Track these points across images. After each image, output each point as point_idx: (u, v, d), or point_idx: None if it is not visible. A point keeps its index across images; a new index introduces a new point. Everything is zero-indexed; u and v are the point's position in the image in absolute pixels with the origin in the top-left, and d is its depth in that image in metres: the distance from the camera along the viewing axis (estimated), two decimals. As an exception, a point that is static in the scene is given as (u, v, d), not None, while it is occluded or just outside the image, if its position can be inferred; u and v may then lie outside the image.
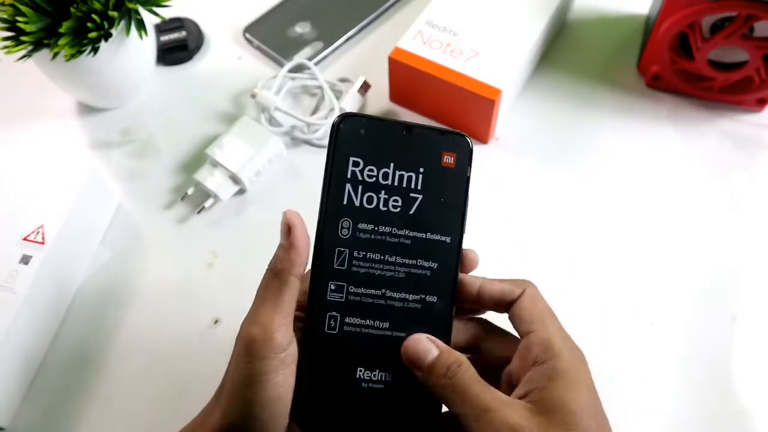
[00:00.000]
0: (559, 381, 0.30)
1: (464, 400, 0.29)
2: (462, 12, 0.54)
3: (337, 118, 0.31)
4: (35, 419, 0.42)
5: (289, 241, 0.31)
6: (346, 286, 0.31)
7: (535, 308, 0.32)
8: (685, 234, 0.49)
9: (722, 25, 0.49)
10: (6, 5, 0.46)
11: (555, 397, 0.29)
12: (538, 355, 0.30)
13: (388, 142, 0.31)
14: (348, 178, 0.31)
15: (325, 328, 0.31)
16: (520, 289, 0.33)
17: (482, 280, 0.33)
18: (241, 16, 0.61)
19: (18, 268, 0.42)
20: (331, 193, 0.31)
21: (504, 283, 0.33)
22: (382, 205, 0.31)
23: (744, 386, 0.43)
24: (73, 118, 0.56)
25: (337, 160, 0.31)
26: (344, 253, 0.31)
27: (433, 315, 0.32)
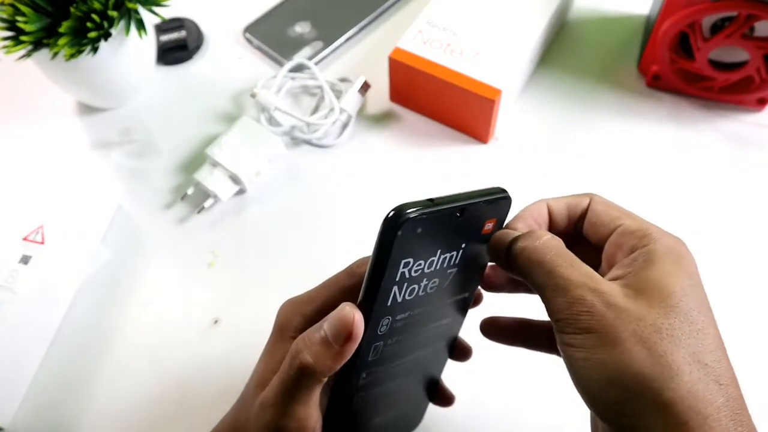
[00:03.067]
0: (657, 263, 0.27)
1: (551, 271, 0.26)
2: (462, 12, 0.54)
3: (394, 218, 0.25)
4: (35, 419, 0.42)
5: (341, 349, 0.27)
6: (376, 370, 0.31)
7: (612, 208, 0.30)
8: (685, 234, 0.48)
9: (722, 25, 0.49)
10: (6, 5, 0.46)
11: (653, 278, 0.26)
12: (635, 243, 0.28)
13: (440, 231, 0.27)
14: (397, 280, 0.27)
15: (352, 406, 0.31)
16: (586, 199, 0.30)
17: (548, 201, 0.31)
18: (241, 16, 0.61)
19: (18, 268, 0.42)
20: (378, 298, 0.27)
21: (567, 198, 0.31)
22: (421, 291, 0.29)
23: (744, 386, 0.42)
24: (73, 118, 0.56)
25: (390, 266, 0.26)
26: (379, 346, 0.29)
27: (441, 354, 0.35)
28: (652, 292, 0.26)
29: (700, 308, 0.26)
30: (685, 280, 0.26)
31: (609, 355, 0.25)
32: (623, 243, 0.28)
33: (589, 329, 0.25)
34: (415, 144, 0.54)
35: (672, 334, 0.25)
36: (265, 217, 0.50)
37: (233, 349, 0.44)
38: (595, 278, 0.26)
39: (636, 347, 0.25)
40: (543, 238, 0.28)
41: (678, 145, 0.53)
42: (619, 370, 0.25)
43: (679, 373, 0.24)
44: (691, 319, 0.26)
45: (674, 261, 0.27)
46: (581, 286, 0.26)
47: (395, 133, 0.55)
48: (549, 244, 0.27)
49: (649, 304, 0.25)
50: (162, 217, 0.50)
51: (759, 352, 0.44)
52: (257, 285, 0.47)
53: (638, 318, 0.25)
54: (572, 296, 0.26)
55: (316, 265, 0.48)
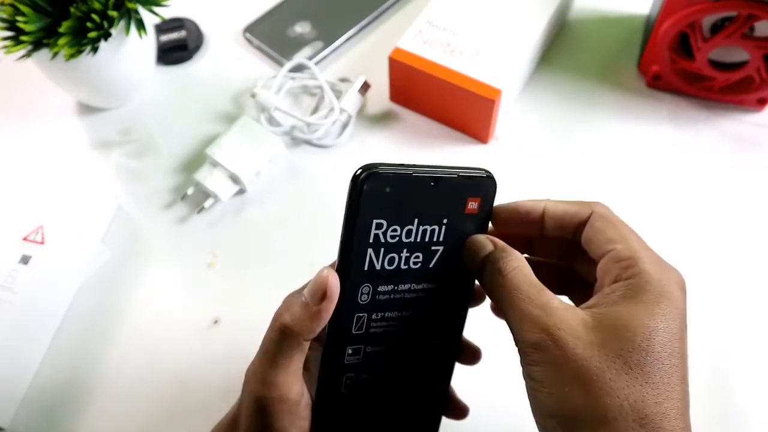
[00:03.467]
0: (631, 300, 0.25)
1: (510, 302, 0.27)
2: (462, 12, 0.54)
3: (360, 174, 0.26)
4: (35, 419, 0.42)
5: (317, 308, 0.28)
6: (363, 348, 0.30)
7: (610, 227, 0.28)
8: (685, 234, 0.49)
9: (722, 25, 0.49)
10: (6, 5, 0.46)
11: (620, 316, 0.25)
12: (619, 273, 0.27)
13: (413, 197, 0.27)
14: (370, 242, 0.27)
15: (342, 389, 0.31)
16: (588, 210, 0.29)
17: (546, 202, 0.30)
18: (241, 16, 0.61)
19: (18, 268, 0.42)
20: (352, 259, 0.27)
21: (569, 204, 0.29)
22: (403, 263, 0.29)
23: (744, 386, 0.42)
24: (73, 118, 0.56)
25: (359, 224, 0.26)
26: (363, 318, 0.29)
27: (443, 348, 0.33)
28: (612, 331, 0.25)
29: (665, 357, 0.25)
30: (657, 322, 0.25)
31: (552, 389, 0.25)
32: (610, 270, 0.27)
33: (538, 363, 0.26)
34: (415, 144, 0.54)
35: (616, 379, 0.24)
36: (265, 217, 0.50)
37: (233, 349, 0.44)
38: (552, 312, 0.26)
39: (575, 387, 0.25)
40: (509, 270, 0.27)
41: (678, 145, 0.53)
42: (558, 406, 0.25)
43: (610, 421, 0.24)
44: (647, 367, 0.24)
45: (652, 300, 0.25)
46: (535, 322, 0.26)
47: (395, 133, 0.55)
48: (515, 276, 0.27)
49: (602, 344, 0.25)
50: (162, 217, 0.50)
51: (762, 349, 0.44)
52: (257, 285, 0.47)
53: (585, 358, 0.25)
54: (525, 330, 0.26)
55: (315, 265, 0.47)
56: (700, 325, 0.45)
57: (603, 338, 0.25)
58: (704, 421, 0.41)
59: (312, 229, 0.50)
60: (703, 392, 0.42)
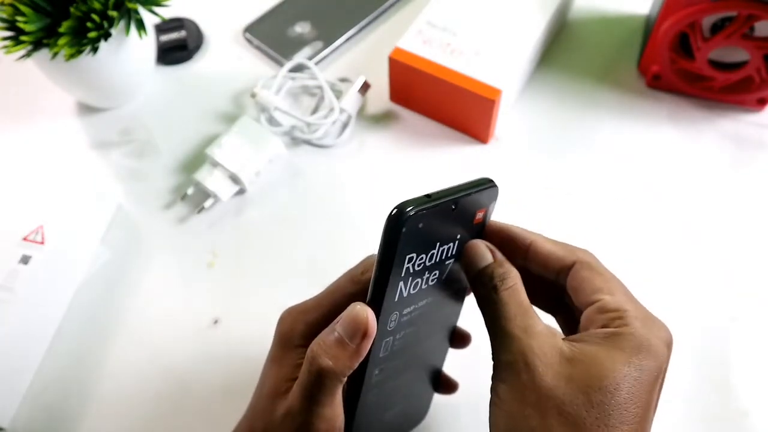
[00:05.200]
0: (611, 344, 0.26)
1: (496, 318, 0.27)
2: (462, 12, 0.54)
3: (397, 215, 0.26)
4: (35, 419, 0.42)
5: (357, 348, 0.27)
6: (387, 366, 0.31)
7: (597, 278, 0.28)
8: (685, 234, 0.49)
9: (722, 25, 0.49)
10: (6, 5, 0.46)
11: (595, 355, 0.25)
12: (606, 323, 0.27)
13: (438, 225, 0.28)
14: (402, 276, 0.28)
15: (367, 403, 0.32)
16: (571, 257, 0.29)
17: (535, 237, 0.30)
18: (241, 16, 0.61)
19: (18, 268, 0.42)
20: (387, 294, 0.28)
21: (556, 246, 0.29)
22: (423, 284, 0.29)
23: (744, 386, 0.42)
24: (73, 118, 0.56)
25: (396, 263, 0.27)
26: (389, 341, 0.30)
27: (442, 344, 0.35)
28: (585, 367, 0.25)
29: (629, 405, 0.25)
30: (631, 370, 0.25)
31: (511, 409, 0.26)
32: (595, 320, 0.27)
33: (505, 381, 0.26)
34: (415, 144, 0.54)
35: (575, 414, 0.25)
36: (265, 217, 0.50)
37: (233, 349, 0.44)
38: (533, 336, 0.26)
39: (533, 412, 0.25)
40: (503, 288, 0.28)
41: (678, 145, 0.53)
42: (511, 425, 0.26)
43: None
44: (608, 410, 0.25)
45: (633, 349, 0.26)
46: (514, 343, 0.26)
47: (395, 133, 0.55)
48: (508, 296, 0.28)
49: (571, 377, 0.25)
50: (162, 217, 0.50)
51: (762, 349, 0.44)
52: (257, 285, 0.47)
53: (550, 387, 0.25)
54: (503, 349, 0.27)
55: (316, 265, 0.48)
56: (700, 325, 0.45)
57: (573, 372, 0.25)
58: (704, 421, 0.41)
59: (312, 228, 0.50)
60: (703, 392, 0.42)
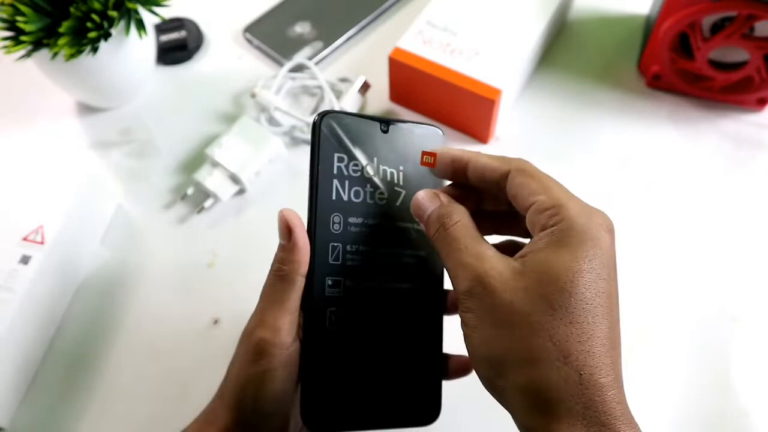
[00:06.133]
0: (554, 245, 0.26)
1: (449, 252, 0.29)
2: (462, 12, 0.54)
3: (317, 117, 0.31)
4: (35, 419, 0.42)
5: (292, 242, 0.30)
6: (342, 280, 0.32)
7: (532, 181, 0.28)
8: (685, 234, 0.49)
9: (722, 25, 0.49)
10: (6, 5, 0.46)
11: (542, 260, 0.26)
12: (545, 222, 0.27)
13: (369, 138, 0.32)
14: (335, 173, 0.31)
15: (326, 325, 0.31)
16: (506, 166, 0.29)
17: (471, 155, 0.30)
18: (241, 16, 0.61)
19: (17, 268, 0.42)
20: (320, 189, 0.31)
21: (491, 159, 0.30)
22: (369, 198, 0.32)
23: (744, 386, 0.42)
24: (73, 118, 0.56)
25: (322, 157, 0.31)
26: (338, 248, 0.32)
27: (426, 298, 0.34)
28: (537, 275, 0.26)
29: (589, 298, 0.26)
30: (580, 263, 0.26)
31: (482, 334, 0.27)
32: (536, 222, 0.28)
33: (470, 309, 0.27)
34: (415, 144, 0.54)
35: (541, 321, 0.25)
36: (265, 217, 0.50)
37: (233, 349, 0.44)
38: (484, 260, 0.27)
39: (503, 330, 0.26)
40: (451, 224, 0.29)
41: (678, 145, 0.53)
42: (488, 350, 0.27)
43: (535, 361, 0.25)
44: (570, 308, 0.25)
45: (577, 243, 0.26)
46: (468, 270, 0.27)
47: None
48: (456, 229, 0.29)
49: (528, 288, 0.26)
50: (162, 217, 0.50)
51: (762, 349, 0.44)
52: (257, 285, 0.47)
53: (512, 302, 0.26)
54: (459, 278, 0.28)
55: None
56: (700, 325, 0.45)
57: (528, 283, 0.26)
58: (704, 421, 0.41)
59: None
60: (703, 392, 0.42)
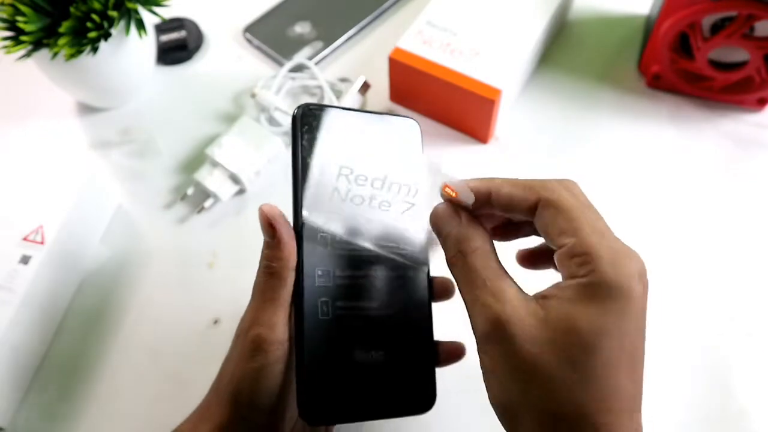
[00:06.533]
0: (588, 297, 0.24)
1: (466, 285, 0.27)
2: (462, 12, 0.54)
3: (297, 110, 0.33)
4: (35, 419, 0.42)
5: (277, 238, 0.30)
6: (331, 270, 0.32)
7: (560, 217, 0.26)
8: (685, 234, 0.49)
9: (722, 25, 0.49)
10: (6, 5, 0.46)
11: (574, 313, 0.24)
12: (574, 271, 0.25)
13: (347, 129, 0.33)
14: (317, 164, 0.32)
15: (318, 315, 0.31)
16: (533, 196, 0.27)
17: (493, 185, 0.28)
18: (241, 15, 0.61)
19: (17, 268, 0.42)
20: (303, 182, 0.32)
21: (515, 188, 0.28)
22: (352, 184, 0.33)
23: (744, 386, 0.42)
24: (73, 118, 0.56)
25: (304, 149, 0.32)
26: (326, 237, 0.32)
27: (415, 286, 0.34)
28: (562, 329, 0.24)
29: (613, 358, 0.24)
30: (608, 323, 0.24)
31: (499, 379, 0.26)
32: (564, 266, 0.26)
33: (487, 353, 0.27)
34: (415, 144, 0.54)
35: (560, 378, 0.24)
36: (265, 217, 0.50)
37: (233, 349, 0.44)
38: (504, 301, 0.26)
39: (519, 381, 0.25)
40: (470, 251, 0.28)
41: (678, 145, 0.53)
42: (502, 396, 0.26)
43: (553, 416, 0.24)
44: (591, 368, 0.24)
45: (606, 298, 0.24)
46: (487, 310, 0.26)
47: (395, 133, 0.55)
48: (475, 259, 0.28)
49: (550, 341, 0.24)
50: (162, 217, 0.50)
51: (762, 349, 0.44)
52: (257, 285, 0.47)
53: (532, 354, 0.25)
54: (477, 317, 0.27)
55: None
56: (699, 325, 0.45)
57: (551, 335, 0.25)
58: (704, 421, 0.41)
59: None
60: (703, 392, 0.42)
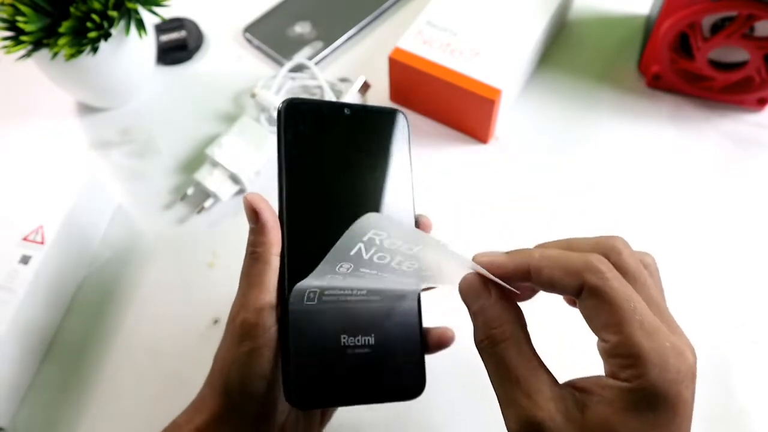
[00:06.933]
0: (629, 404, 0.23)
1: (497, 378, 0.26)
2: (462, 12, 0.54)
3: (282, 105, 0.33)
4: (35, 419, 0.42)
5: (260, 224, 0.31)
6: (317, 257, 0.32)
7: (603, 309, 0.24)
8: (685, 234, 0.49)
9: (722, 25, 0.49)
10: (6, 5, 0.46)
11: (614, 423, 0.23)
12: (615, 372, 0.24)
13: (333, 123, 0.34)
14: (301, 156, 0.33)
15: (305, 300, 0.31)
16: (576, 282, 0.25)
17: (531, 263, 0.26)
18: (241, 15, 0.61)
19: (17, 268, 0.42)
20: (288, 174, 0.33)
21: (558, 270, 0.25)
22: (336, 174, 0.33)
23: (744, 386, 0.42)
24: (73, 118, 0.56)
25: (288, 143, 0.33)
26: (311, 227, 0.33)
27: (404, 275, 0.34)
28: None
29: None
30: None
31: None
32: (608, 363, 0.25)
33: None
34: (415, 144, 0.53)
35: None
36: (265, 217, 0.50)
37: (233, 349, 0.44)
38: (539, 403, 0.24)
39: None
40: (501, 340, 0.26)
41: (678, 145, 0.53)
42: None
43: None
44: None
45: (649, 411, 0.23)
46: (521, 412, 0.25)
47: (395, 133, 0.55)
48: (506, 350, 0.26)
49: None
50: (162, 217, 0.50)
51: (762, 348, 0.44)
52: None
53: None
54: (511, 418, 0.25)
55: (316, 265, 0.48)
56: (702, 327, 0.45)
57: None
58: (704, 421, 0.41)
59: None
60: (703, 392, 0.42)
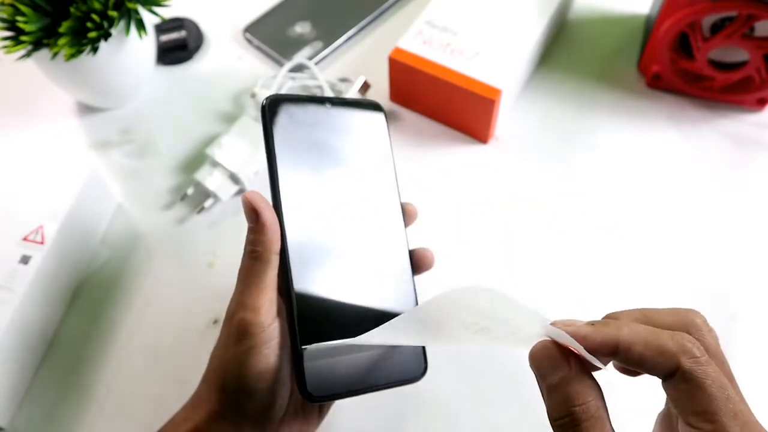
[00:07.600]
0: None
1: None
2: (462, 12, 0.54)
3: (265, 101, 0.34)
4: (35, 419, 0.42)
5: (260, 223, 0.31)
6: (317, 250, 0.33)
7: (697, 395, 0.24)
8: (685, 234, 0.49)
9: (722, 25, 0.49)
10: (6, 5, 0.46)
11: None
12: None
13: (315, 116, 0.35)
14: (290, 152, 0.34)
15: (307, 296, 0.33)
16: (670, 363, 0.24)
17: (622, 338, 0.25)
18: (241, 15, 0.61)
19: (17, 268, 0.42)
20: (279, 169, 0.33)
21: (649, 349, 0.24)
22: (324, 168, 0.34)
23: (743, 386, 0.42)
24: (73, 118, 0.56)
25: (275, 138, 0.34)
26: (306, 221, 0.33)
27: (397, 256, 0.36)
28: None
29: None
30: None
31: None
32: None
33: None
34: (415, 144, 0.54)
35: None
36: (265, 217, 0.50)
37: (233, 349, 0.44)
38: None
39: None
40: (584, 419, 0.24)
41: (678, 145, 0.53)
42: None
43: None
44: None
45: None
46: None
47: (395, 132, 0.54)
48: (589, 429, 0.24)
49: None
50: (162, 217, 0.50)
51: (762, 348, 0.44)
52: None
53: None
54: None
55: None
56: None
57: None
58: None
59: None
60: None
